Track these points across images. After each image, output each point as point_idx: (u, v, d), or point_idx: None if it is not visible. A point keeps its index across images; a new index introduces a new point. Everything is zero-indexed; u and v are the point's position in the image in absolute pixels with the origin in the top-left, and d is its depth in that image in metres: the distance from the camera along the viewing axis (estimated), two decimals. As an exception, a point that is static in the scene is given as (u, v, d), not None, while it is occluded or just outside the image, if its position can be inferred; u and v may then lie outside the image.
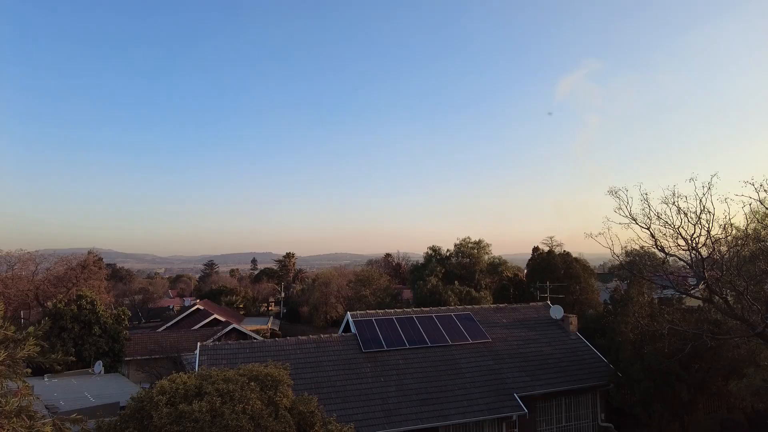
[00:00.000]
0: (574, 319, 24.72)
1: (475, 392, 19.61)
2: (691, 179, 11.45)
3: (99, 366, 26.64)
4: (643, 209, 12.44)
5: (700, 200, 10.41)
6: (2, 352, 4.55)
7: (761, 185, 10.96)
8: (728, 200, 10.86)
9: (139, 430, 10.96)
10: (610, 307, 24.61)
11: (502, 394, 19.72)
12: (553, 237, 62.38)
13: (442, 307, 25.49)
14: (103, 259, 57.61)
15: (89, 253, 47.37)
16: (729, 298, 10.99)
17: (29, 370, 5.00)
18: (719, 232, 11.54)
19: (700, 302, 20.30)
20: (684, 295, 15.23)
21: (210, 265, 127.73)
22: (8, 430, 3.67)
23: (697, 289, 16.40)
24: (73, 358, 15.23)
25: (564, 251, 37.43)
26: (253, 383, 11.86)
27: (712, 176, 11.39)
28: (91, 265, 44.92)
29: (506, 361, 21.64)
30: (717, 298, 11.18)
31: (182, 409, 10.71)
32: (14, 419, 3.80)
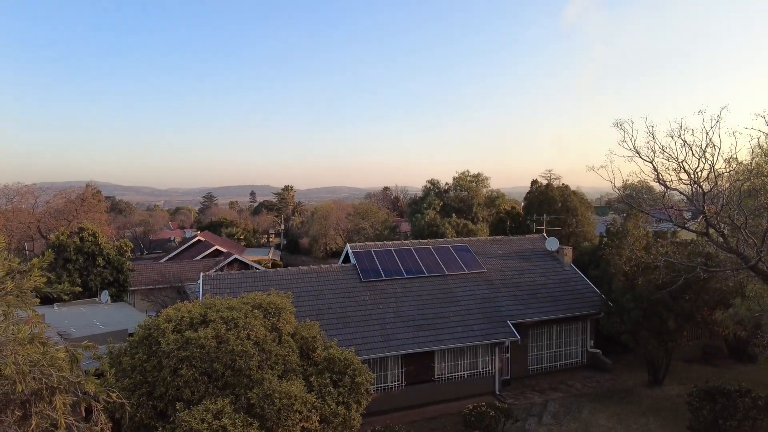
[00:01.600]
0: (568, 251, 25.20)
1: (470, 319, 20.38)
2: (700, 112, 11.20)
3: (105, 295, 27.42)
4: (648, 142, 12.28)
5: (707, 133, 10.23)
6: (9, 282, 4.61)
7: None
8: (736, 134, 10.69)
9: (149, 355, 11.45)
10: (605, 239, 24.98)
11: (496, 321, 20.51)
12: (551, 170, 62.17)
13: (439, 239, 25.87)
14: (102, 192, 57.61)
15: (87, 186, 47.33)
16: (726, 231, 11.13)
17: (38, 300, 5.10)
18: (723, 167, 11.48)
19: (692, 236, 20.63)
20: (679, 229, 15.44)
21: (209, 197, 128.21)
22: (23, 356, 3.80)
23: (692, 223, 16.58)
24: (80, 288, 15.63)
25: (562, 184, 37.44)
26: (256, 311, 12.25)
27: (722, 108, 11.14)
28: (90, 198, 45.04)
29: (501, 291, 22.31)
30: (714, 231, 11.32)
31: (188, 335, 11.13)
32: (28, 346, 3.92)
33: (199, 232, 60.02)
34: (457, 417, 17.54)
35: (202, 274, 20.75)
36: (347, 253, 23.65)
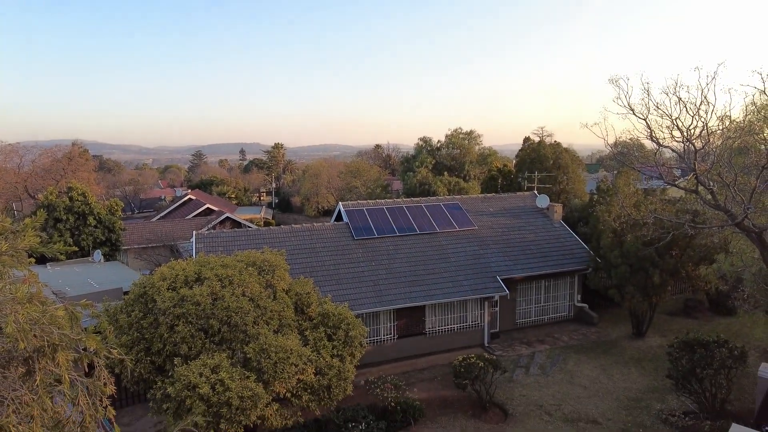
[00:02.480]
0: (558, 208, 25.46)
1: (460, 275, 20.78)
2: (696, 68, 11.09)
3: (98, 255, 27.46)
4: (642, 99, 12.18)
5: (702, 90, 10.17)
6: (3, 243, 4.61)
7: (768, 74, 10.66)
8: (731, 90, 10.63)
9: (145, 312, 11.63)
10: (595, 196, 25.21)
11: (486, 277, 20.93)
12: (544, 127, 61.80)
13: (431, 197, 25.96)
14: (89, 151, 56.58)
15: (73, 144, 46.43)
16: (714, 189, 11.28)
17: (33, 260, 5.12)
18: (716, 124, 11.48)
19: (681, 193, 20.87)
20: (669, 186, 15.59)
21: (198, 155, 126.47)
22: (23, 315, 3.85)
23: (682, 180, 16.75)
24: (75, 248, 15.63)
25: (555, 141, 37.33)
26: (250, 268, 12.37)
27: (719, 65, 11.02)
28: (77, 157, 44.26)
29: (491, 247, 22.65)
30: (703, 189, 11.46)
31: (184, 293, 11.27)
32: (27, 305, 3.97)
33: (189, 191, 59.63)
34: (447, 368, 18.20)
35: (194, 232, 20.78)
36: (339, 211, 23.72)
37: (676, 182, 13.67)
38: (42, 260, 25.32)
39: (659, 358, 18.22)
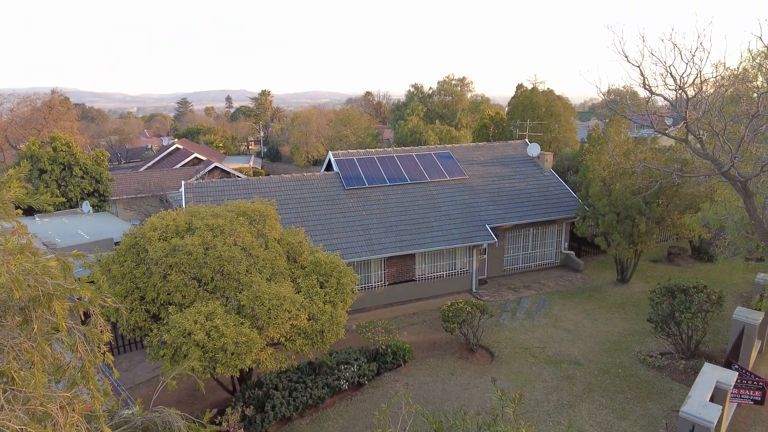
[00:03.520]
0: (549, 157, 25.47)
1: (450, 224, 21.02)
2: (695, 13, 10.81)
3: (87, 206, 27.24)
4: (637, 46, 11.93)
5: (699, 36, 9.98)
6: (-12, 193, 4.55)
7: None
8: (728, 37, 10.43)
9: (137, 262, 11.69)
10: (586, 145, 25.19)
11: (475, 225, 21.20)
12: (536, 74, 60.69)
13: (422, 147, 25.76)
14: (70, 99, 54.78)
15: (52, 92, 44.83)
16: (704, 138, 11.30)
17: (20, 211, 5.07)
18: (710, 72, 11.36)
19: (671, 143, 20.90)
20: (660, 135, 15.60)
21: (183, 103, 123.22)
22: (15, 266, 3.87)
23: (673, 129, 16.74)
24: (63, 199, 15.44)
25: (548, 89, 36.75)
26: (241, 218, 12.38)
27: (716, 10, 10.74)
28: (58, 106, 42.92)
29: (481, 196, 22.80)
30: (693, 138, 11.48)
31: (175, 243, 11.30)
32: (18, 255, 3.98)
33: (176, 140, 58.51)
34: (436, 313, 18.77)
35: (183, 182, 20.59)
36: (330, 161, 23.54)
37: (667, 131, 13.66)
38: (29, 212, 25.10)
39: (641, 303, 18.90)
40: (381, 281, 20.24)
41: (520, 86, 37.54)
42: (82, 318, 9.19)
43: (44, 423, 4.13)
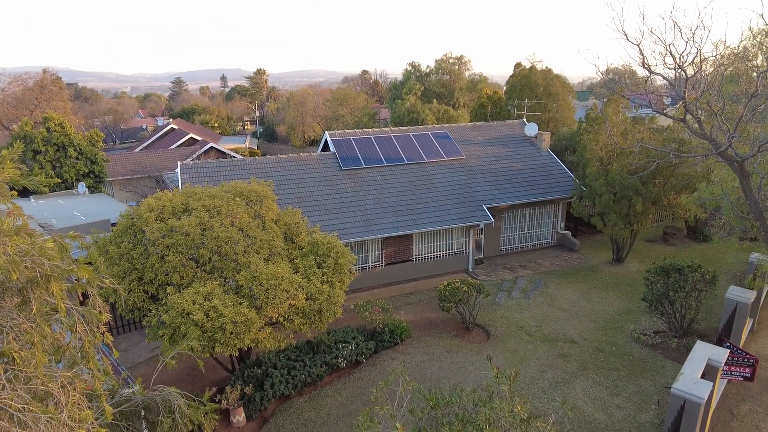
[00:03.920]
0: (547, 136, 25.38)
1: (447, 204, 21.04)
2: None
3: (82, 187, 27.09)
4: (637, 24, 11.77)
5: (700, 14, 9.84)
6: (-18, 174, 4.52)
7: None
8: (729, 15, 10.28)
9: (134, 243, 11.70)
10: (584, 124, 25.09)
11: (472, 205, 21.23)
12: (535, 53, 60.01)
13: (419, 126, 25.64)
14: (62, 79, 53.97)
15: (44, 72, 44.13)
16: (702, 118, 11.25)
17: (15, 193, 5.05)
18: (710, 50, 11.25)
19: (669, 122, 20.83)
20: (658, 115, 15.53)
21: (178, 82, 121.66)
22: (12, 247, 3.87)
23: (671, 109, 16.66)
24: (58, 180, 15.35)
25: (546, 68, 36.38)
26: (238, 199, 12.36)
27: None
28: (50, 86, 42.30)
29: (478, 177, 22.78)
30: (691, 117, 11.43)
31: (172, 224, 11.29)
32: (15, 237, 3.98)
33: (171, 120, 57.94)
34: (432, 292, 18.93)
35: (179, 163, 20.47)
36: (326, 141, 23.40)
37: (665, 111, 13.59)
38: (24, 193, 24.95)
39: (636, 282, 19.08)
40: (378, 261, 20.34)
41: (518, 65, 37.15)
42: (81, 299, 9.24)
43: (46, 402, 4.18)
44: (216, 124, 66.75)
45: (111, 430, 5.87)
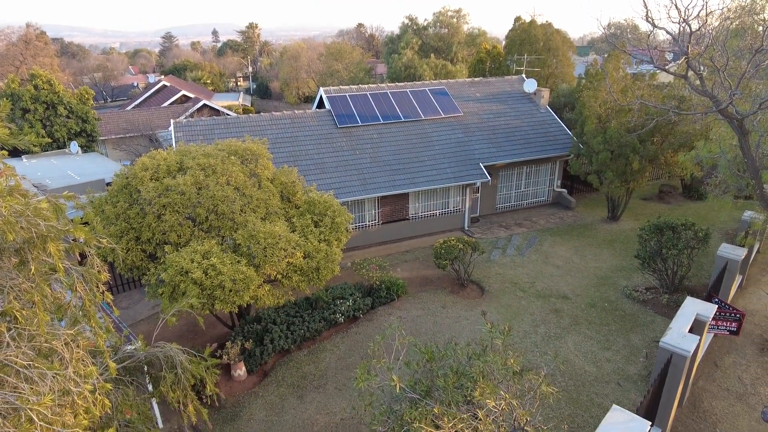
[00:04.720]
0: (546, 93, 24.98)
1: (444, 162, 20.94)
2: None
3: (75, 146, 26.72)
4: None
5: (705, -37, 9.50)
6: (-29, 134, 4.44)
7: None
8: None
9: (130, 203, 11.67)
10: (583, 81, 24.63)
11: (469, 164, 21.13)
12: (535, 6, 58.06)
13: (417, 82, 25.15)
14: (47, 34, 52.16)
15: (27, 26, 42.60)
16: (704, 74, 11.04)
17: (5, 152, 4.98)
18: (717, 3, 10.91)
19: (669, 79, 20.46)
20: (659, 71, 15.24)
21: (168, 38, 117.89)
22: (6, 208, 3.85)
23: (673, 65, 16.33)
24: (49, 139, 15.11)
25: (546, 22, 35.37)
26: (233, 157, 12.25)
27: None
28: (35, 41, 40.94)
29: (475, 134, 22.56)
30: (693, 74, 11.22)
31: (167, 183, 11.23)
32: (8, 197, 3.95)
33: (163, 77, 56.55)
34: (428, 250, 19.14)
35: (172, 121, 20.14)
36: (321, 98, 22.97)
37: (667, 67, 13.34)
38: (15, 153, 24.62)
39: (630, 240, 19.30)
40: (375, 220, 20.43)
41: (518, 19, 36.06)
42: (79, 259, 9.29)
43: (51, 358, 4.28)
44: (208, 81, 65.26)
45: (115, 384, 6.05)
